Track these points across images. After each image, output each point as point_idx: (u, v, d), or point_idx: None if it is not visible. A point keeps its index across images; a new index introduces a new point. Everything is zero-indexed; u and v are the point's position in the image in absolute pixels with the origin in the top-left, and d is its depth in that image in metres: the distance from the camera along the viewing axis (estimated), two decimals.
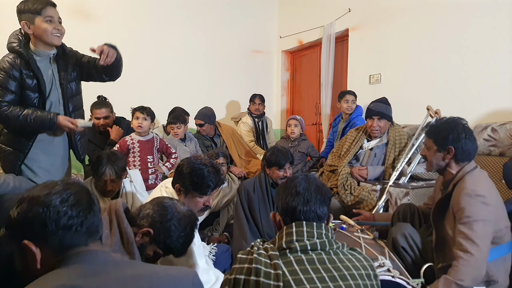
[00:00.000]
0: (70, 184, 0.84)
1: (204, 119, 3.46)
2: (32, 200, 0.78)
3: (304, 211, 1.08)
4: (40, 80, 1.86)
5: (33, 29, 1.82)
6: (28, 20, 1.81)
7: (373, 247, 1.56)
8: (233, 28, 4.65)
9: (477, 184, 1.49)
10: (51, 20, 1.83)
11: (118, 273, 0.77)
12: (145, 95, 3.89)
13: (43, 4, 1.80)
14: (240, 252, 1.04)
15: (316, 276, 0.96)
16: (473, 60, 2.79)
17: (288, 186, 1.14)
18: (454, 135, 1.57)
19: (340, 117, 3.54)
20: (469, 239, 1.39)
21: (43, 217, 0.76)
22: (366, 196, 2.45)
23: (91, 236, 0.81)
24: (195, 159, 1.71)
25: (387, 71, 3.51)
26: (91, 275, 0.74)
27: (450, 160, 1.60)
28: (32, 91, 1.86)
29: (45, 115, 1.83)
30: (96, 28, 3.69)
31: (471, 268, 1.36)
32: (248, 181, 2.47)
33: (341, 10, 3.92)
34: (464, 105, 2.82)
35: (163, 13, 4.12)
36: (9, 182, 1.78)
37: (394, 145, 2.66)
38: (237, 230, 2.26)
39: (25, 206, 0.78)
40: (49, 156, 1.98)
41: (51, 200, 0.77)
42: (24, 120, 1.80)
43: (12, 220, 0.79)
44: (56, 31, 1.85)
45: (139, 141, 2.63)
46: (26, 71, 1.83)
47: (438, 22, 3.02)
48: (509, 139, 2.32)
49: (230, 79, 4.66)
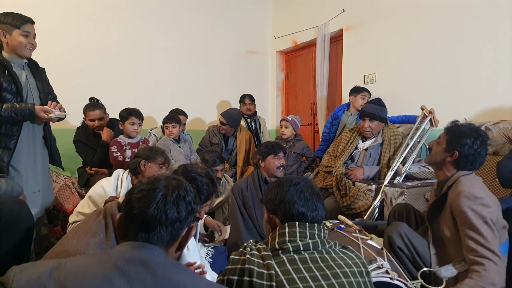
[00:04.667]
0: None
1: (228, 120, 3.45)
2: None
3: (313, 216, 1.10)
4: (17, 83, 2.00)
5: (9, 39, 2.00)
6: (5, 30, 1.99)
7: (371, 248, 1.56)
8: (227, 29, 4.64)
9: (474, 187, 1.49)
10: (27, 35, 2.02)
11: (167, 273, 0.77)
12: (139, 97, 3.87)
13: (24, 21, 2.01)
14: (233, 253, 1.04)
15: (308, 275, 0.96)
16: (467, 60, 2.81)
17: (290, 191, 1.12)
18: (469, 143, 1.53)
19: (344, 109, 3.47)
20: (482, 245, 1.38)
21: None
22: (362, 196, 2.45)
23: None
24: (191, 167, 1.66)
25: (381, 71, 3.52)
26: (143, 265, 0.76)
27: (450, 162, 1.60)
28: (9, 93, 1.99)
29: (24, 106, 1.97)
30: (90, 29, 3.65)
31: (492, 273, 1.34)
32: (241, 181, 2.51)
33: (335, 10, 3.93)
34: (458, 104, 2.84)
35: (157, 14, 4.10)
36: (0, 186, 1.76)
37: (389, 145, 2.67)
38: (233, 231, 2.27)
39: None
40: (30, 155, 2.10)
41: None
42: (5, 114, 1.91)
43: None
44: (30, 45, 2.05)
45: (129, 143, 2.68)
46: (3, 75, 1.97)
47: (432, 22, 3.04)
48: (502, 138, 2.34)
49: (225, 80, 4.65)
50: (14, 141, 2.01)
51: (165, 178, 0.90)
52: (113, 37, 3.82)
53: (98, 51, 3.71)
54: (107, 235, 1.12)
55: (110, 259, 0.76)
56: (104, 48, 3.75)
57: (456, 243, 1.51)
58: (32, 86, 2.13)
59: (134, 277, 0.74)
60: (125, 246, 0.80)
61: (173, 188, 0.86)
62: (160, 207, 0.82)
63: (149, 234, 0.82)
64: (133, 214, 0.82)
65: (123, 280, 0.73)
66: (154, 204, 0.82)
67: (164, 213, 0.82)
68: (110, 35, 3.80)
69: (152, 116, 4.06)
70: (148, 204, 0.82)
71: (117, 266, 0.75)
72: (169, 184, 0.87)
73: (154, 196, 0.83)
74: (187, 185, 0.92)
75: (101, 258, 0.78)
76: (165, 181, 0.88)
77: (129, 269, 0.75)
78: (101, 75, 3.71)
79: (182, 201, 0.86)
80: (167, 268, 0.78)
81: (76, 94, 2.36)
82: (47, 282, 0.71)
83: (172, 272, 0.78)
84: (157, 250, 0.81)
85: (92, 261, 0.77)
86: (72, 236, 1.14)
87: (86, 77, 3.58)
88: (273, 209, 1.13)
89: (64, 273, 0.73)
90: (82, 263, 0.76)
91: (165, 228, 0.83)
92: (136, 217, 0.82)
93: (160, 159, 2.08)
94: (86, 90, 3.00)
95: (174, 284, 0.76)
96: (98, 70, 3.69)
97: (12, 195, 1.78)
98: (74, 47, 3.52)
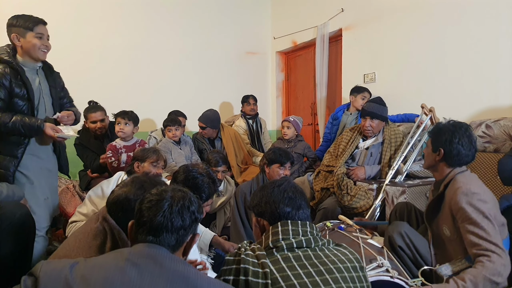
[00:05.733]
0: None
1: (206, 123, 3.44)
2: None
3: (298, 214, 1.12)
4: (29, 89, 1.95)
5: (23, 42, 1.95)
6: (18, 33, 1.94)
7: (371, 247, 1.56)
8: (227, 30, 4.64)
9: (471, 184, 1.49)
10: (41, 37, 1.97)
11: (173, 265, 0.86)
12: (139, 99, 3.88)
13: (36, 22, 1.95)
14: (228, 254, 1.06)
15: (303, 271, 0.97)
16: (467, 58, 2.80)
17: (274, 192, 1.15)
18: (448, 138, 1.57)
19: (344, 109, 3.47)
20: (485, 239, 1.37)
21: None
22: (363, 196, 2.45)
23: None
24: (192, 167, 1.69)
25: (381, 70, 3.51)
26: (151, 258, 0.86)
27: (439, 161, 1.61)
28: (21, 99, 1.94)
29: (33, 122, 1.92)
30: (89, 32, 3.66)
31: (497, 265, 1.33)
32: (244, 185, 2.47)
33: (334, 10, 3.93)
34: (458, 102, 2.83)
35: (156, 15, 4.11)
36: (2, 191, 1.77)
37: (390, 143, 2.67)
38: (234, 234, 2.26)
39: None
40: (39, 160, 2.06)
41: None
42: (13, 126, 1.87)
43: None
44: (44, 47, 2.00)
45: (125, 146, 2.67)
46: (15, 80, 1.92)
47: (431, 20, 3.03)
48: (503, 136, 2.33)
49: (225, 81, 4.65)
50: (22, 149, 1.97)
51: (172, 190, 0.99)
52: (112, 39, 3.83)
53: (97, 54, 3.72)
54: (107, 238, 1.13)
55: (123, 255, 0.87)
56: (103, 50, 3.76)
57: (456, 242, 1.51)
58: (45, 92, 2.08)
59: (144, 268, 0.84)
60: (137, 245, 0.91)
61: (178, 199, 0.96)
62: (167, 215, 0.92)
63: (157, 238, 0.91)
64: (143, 221, 0.93)
65: (134, 270, 0.83)
66: (161, 213, 0.92)
67: (170, 220, 0.92)
68: (109, 38, 3.81)
69: (152, 119, 4.07)
70: (156, 213, 0.92)
71: (129, 259, 0.85)
72: (175, 196, 0.97)
73: (161, 206, 0.93)
74: (191, 196, 1.00)
75: (115, 254, 0.90)
76: (171, 192, 0.98)
77: (139, 262, 0.85)
78: (100, 78, 3.72)
79: (186, 211, 0.95)
80: (173, 261, 0.88)
81: (75, 97, 2.36)
82: (69, 272, 0.82)
83: (178, 264, 0.87)
84: (165, 250, 0.90)
85: (108, 257, 0.90)
86: (73, 240, 1.15)
87: (85, 80, 3.57)
88: (260, 211, 1.15)
89: (83, 266, 0.84)
90: (99, 259, 0.89)
91: (171, 234, 0.92)
92: (145, 223, 0.92)
93: (152, 158, 2.09)
94: (86, 93, 3.00)
95: (178, 274, 0.85)
96: (97, 73, 3.71)
97: (13, 200, 1.79)
98: (73, 50, 3.53)
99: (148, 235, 0.90)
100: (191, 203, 0.97)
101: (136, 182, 1.25)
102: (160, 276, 0.83)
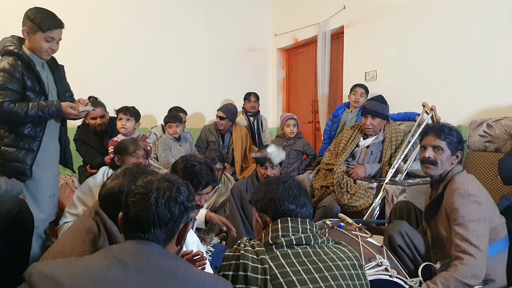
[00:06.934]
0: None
1: (227, 114, 3.49)
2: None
3: (302, 212, 1.12)
4: (41, 82, 1.91)
5: (31, 38, 1.88)
6: (30, 29, 1.86)
7: (371, 245, 1.55)
8: (228, 26, 4.62)
9: (469, 184, 1.50)
10: (50, 41, 1.90)
11: (160, 261, 0.85)
12: (140, 95, 3.87)
13: (52, 27, 1.87)
14: (227, 250, 1.07)
15: (302, 268, 0.98)
16: (468, 56, 2.79)
17: (279, 188, 1.14)
18: (462, 141, 1.64)
19: (344, 107, 3.46)
20: (466, 240, 1.40)
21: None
22: (363, 194, 2.44)
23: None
24: (190, 156, 1.73)
25: (382, 68, 3.50)
26: (139, 254, 0.85)
27: (455, 164, 1.64)
28: (33, 91, 1.90)
29: (50, 104, 1.88)
30: (89, 29, 3.65)
31: (471, 267, 1.37)
32: (240, 182, 2.51)
33: (336, 7, 3.91)
34: (459, 101, 2.82)
35: (157, 12, 4.09)
36: (0, 185, 1.76)
37: (391, 142, 2.66)
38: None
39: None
40: (47, 152, 2.01)
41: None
42: (33, 112, 1.82)
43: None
44: (51, 50, 1.94)
45: None
46: (27, 72, 1.87)
47: (433, 19, 3.02)
48: (504, 135, 2.31)
49: (225, 78, 4.64)
50: (38, 142, 1.91)
51: (158, 180, 0.94)
52: (113, 36, 3.81)
53: (97, 50, 3.71)
54: (100, 232, 1.12)
55: (112, 252, 0.86)
56: (103, 47, 3.74)
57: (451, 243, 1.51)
58: (51, 86, 2.02)
59: (131, 264, 0.82)
60: (127, 242, 0.90)
61: (164, 190, 0.91)
62: (153, 210, 0.88)
63: (145, 234, 0.88)
64: (130, 216, 0.89)
65: (120, 268, 0.81)
66: (147, 208, 0.88)
67: (156, 215, 0.88)
68: (110, 33, 3.79)
69: (152, 115, 4.06)
70: (142, 208, 0.88)
71: (116, 256, 0.83)
72: (161, 187, 0.91)
73: (147, 199, 0.89)
74: (180, 185, 0.95)
75: (105, 252, 0.88)
76: (157, 183, 0.92)
77: (127, 259, 0.83)
78: (101, 75, 3.70)
79: (173, 203, 0.90)
80: (161, 257, 0.86)
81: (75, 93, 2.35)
82: (58, 273, 0.80)
83: (166, 260, 0.85)
84: (155, 245, 0.88)
85: (97, 255, 0.88)
86: (67, 235, 1.15)
87: (85, 76, 3.56)
88: (263, 207, 1.14)
89: (72, 264, 0.83)
90: (89, 257, 0.87)
91: (159, 229, 0.88)
92: (132, 220, 0.89)
93: (131, 149, 2.08)
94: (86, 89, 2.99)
95: (164, 270, 0.83)
96: (97, 69, 3.69)
97: (12, 194, 1.78)
98: (73, 45, 3.51)
99: (135, 231, 0.88)
100: (179, 192, 0.92)
101: (128, 174, 1.22)
102: (147, 272, 0.82)
